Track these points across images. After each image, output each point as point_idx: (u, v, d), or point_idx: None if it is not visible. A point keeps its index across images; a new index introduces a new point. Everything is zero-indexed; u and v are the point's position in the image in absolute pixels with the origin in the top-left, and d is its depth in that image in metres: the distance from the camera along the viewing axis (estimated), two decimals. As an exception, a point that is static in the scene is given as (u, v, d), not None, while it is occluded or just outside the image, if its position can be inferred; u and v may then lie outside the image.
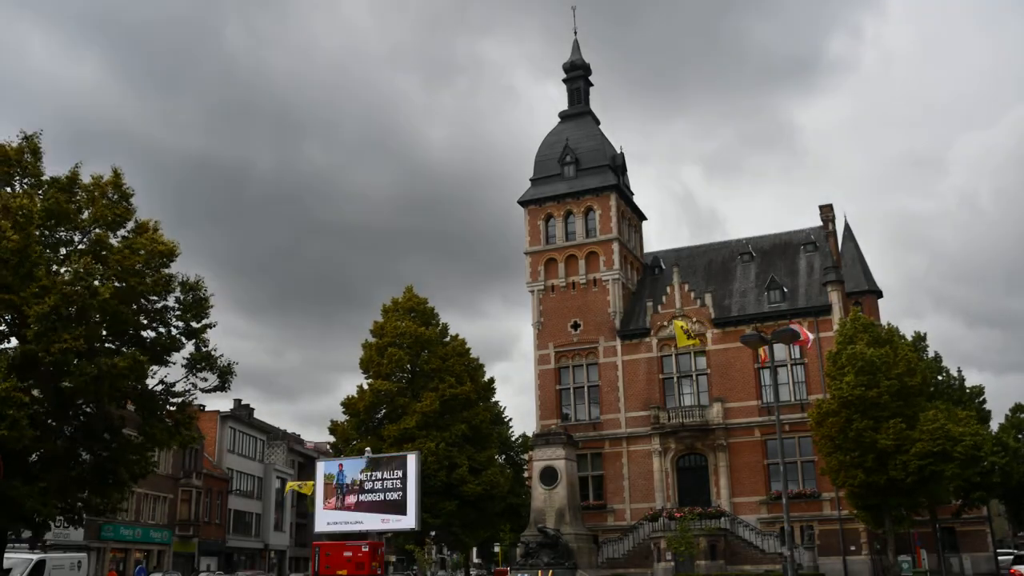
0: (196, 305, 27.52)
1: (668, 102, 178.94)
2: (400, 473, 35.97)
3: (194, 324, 27.60)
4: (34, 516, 25.07)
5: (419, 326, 48.81)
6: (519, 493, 54.35)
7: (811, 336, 42.08)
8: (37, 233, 24.68)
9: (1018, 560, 47.71)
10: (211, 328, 28.03)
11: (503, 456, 58.89)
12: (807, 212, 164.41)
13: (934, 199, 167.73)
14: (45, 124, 58.27)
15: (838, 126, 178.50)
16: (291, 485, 59.56)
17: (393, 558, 67.66)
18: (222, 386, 28.01)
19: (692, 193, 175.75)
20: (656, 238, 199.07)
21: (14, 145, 26.17)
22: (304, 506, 71.56)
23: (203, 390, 27.93)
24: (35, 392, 23.17)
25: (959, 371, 49.99)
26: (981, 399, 48.84)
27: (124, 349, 26.48)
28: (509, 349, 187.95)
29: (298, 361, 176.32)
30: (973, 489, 44.91)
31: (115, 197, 27.05)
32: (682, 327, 48.41)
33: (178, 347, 27.45)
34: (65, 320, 23.51)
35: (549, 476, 41.21)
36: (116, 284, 25.25)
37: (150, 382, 26.94)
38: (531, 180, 60.57)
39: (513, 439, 62.86)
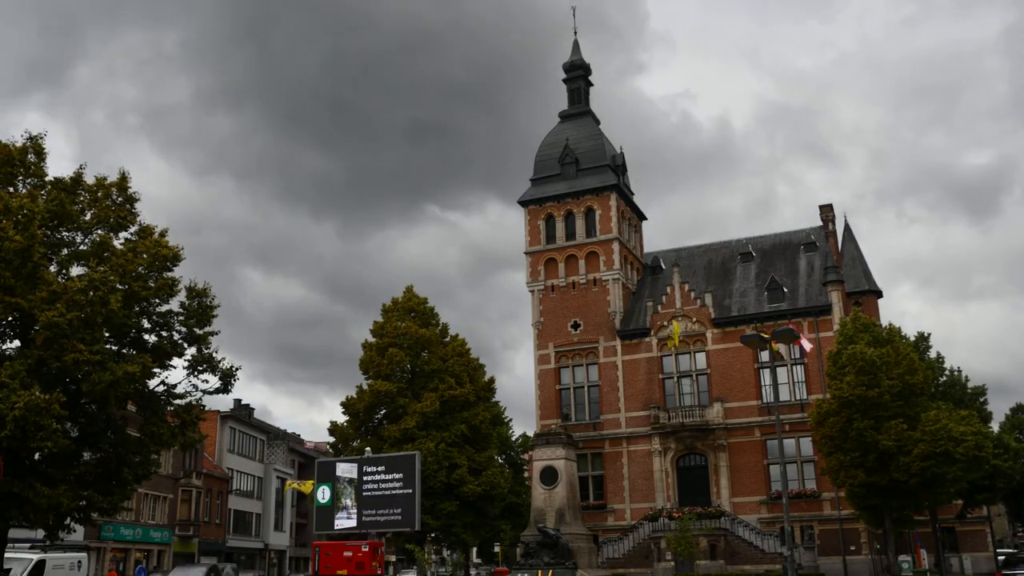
0: (201, 312, 27.49)
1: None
2: (400, 473, 35.88)
3: (197, 331, 27.57)
4: (51, 516, 25.13)
5: (419, 326, 48.81)
6: (519, 493, 54.36)
7: (808, 345, 42.08)
8: (40, 233, 24.67)
9: None
10: (215, 335, 28.04)
11: (503, 456, 58.90)
12: (807, 212, 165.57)
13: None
14: None
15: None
16: (291, 484, 59.52)
17: (393, 558, 67.62)
18: (224, 388, 27.99)
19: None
20: (656, 238, 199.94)
21: (18, 145, 26.18)
22: (304, 506, 71.60)
23: (205, 391, 27.94)
24: (38, 392, 23.12)
25: (959, 370, 50.00)
26: (983, 399, 48.82)
27: (124, 351, 26.47)
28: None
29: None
30: (977, 491, 44.91)
31: (119, 199, 27.04)
32: (679, 333, 49.34)
33: (180, 352, 27.43)
34: (76, 328, 23.50)
35: (549, 476, 41.17)
36: (119, 286, 25.24)
37: (151, 383, 26.94)
38: (531, 180, 60.59)
39: (513, 439, 62.89)
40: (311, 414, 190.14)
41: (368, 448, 42.57)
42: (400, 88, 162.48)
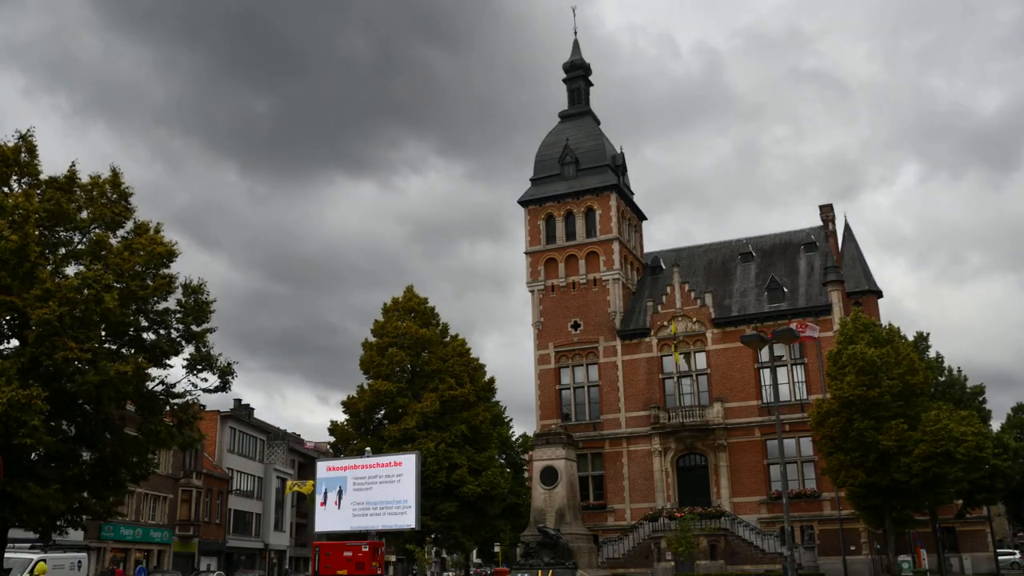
0: (197, 309, 27.47)
1: None
2: (400, 473, 35.94)
3: (195, 328, 27.55)
4: (43, 517, 25.07)
5: (419, 326, 48.86)
6: (519, 493, 54.36)
7: (814, 330, 42.21)
8: (36, 233, 24.62)
9: None
10: (212, 332, 28.00)
11: (503, 456, 58.91)
12: (807, 212, 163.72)
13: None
14: None
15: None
16: (291, 485, 59.39)
17: (393, 558, 67.55)
18: (223, 387, 27.96)
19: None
20: (656, 238, 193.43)
21: (11, 144, 26.10)
22: (304, 506, 71.57)
23: (204, 390, 27.91)
24: (17, 387, 22.99)
25: (959, 370, 50.04)
26: (982, 399, 48.86)
27: (124, 351, 26.43)
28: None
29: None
30: (977, 491, 44.92)
31: (114, 196, 26.99)
32: (679, 354, 49.86)
33: (178, 350, 27.39)
34: (68, 326, 23.44)
35: (549, 476, 41.16)
36: (117, 285, 25.19)
37: (150, 383, 26.89)
38: (531, 180, 60.57)
39: (513, 439, 62.91)
40: (275, 407, 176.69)
41: (368, 448, 42.59)
42: (340, 17, 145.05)
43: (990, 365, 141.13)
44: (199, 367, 27.54)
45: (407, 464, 36.13)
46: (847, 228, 56.80)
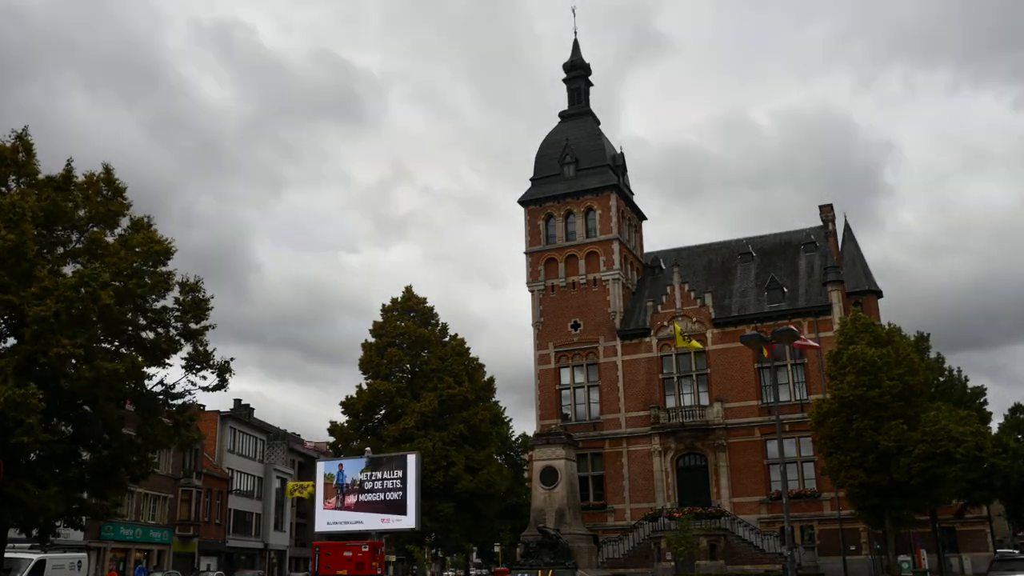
0: (195, 306, 27.44)
1: None
2: (400, 473, 35.96)
3: (193, 325, 27.52)
4: (41, 518, 25.02)
5: (418, 326, 48.92)
6: (519, 493, 54.40)
7: (812, 342, 42.05)
8: (35, 232, 24.59)
9: None
10: (211, 329, 27.97)
11: (502, 456, 58.97)
12: (807, 212, 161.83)
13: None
14: None
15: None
16: (292, 488, 59.46)
17: (393, 558, 67.59)
18: (221, 385, 27.92)
19: None
20: (656, 238, 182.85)
21: (8, 144, 26.07)
22: (304, 506, 71.59)
23: (203, 389, 27.87)
24: (12, 385, 22.95)
25: (959, 371, 50.07)
26: (982, 399, 48.88)
27: (123, 351, 26.40)
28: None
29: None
30: (976, 490, 44.96)
31: (108, 193, 26.95)
32: (680, 331, 49.04)
33: (176, 349, 27.35)
34: (64, 324, 23.40)
35: (549, 476, 41.22)
36: (115, 283, 25.16)
37: (149, 383, 26.86)
38: (531, 180, 60.57)
39: (513, 439, 62.96)
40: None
41: (368, 448, 42.62)
42: None
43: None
44: (197, 366, 27.49)
45: (407, 464, 36.15)
46: (847, 228, 56.88)
